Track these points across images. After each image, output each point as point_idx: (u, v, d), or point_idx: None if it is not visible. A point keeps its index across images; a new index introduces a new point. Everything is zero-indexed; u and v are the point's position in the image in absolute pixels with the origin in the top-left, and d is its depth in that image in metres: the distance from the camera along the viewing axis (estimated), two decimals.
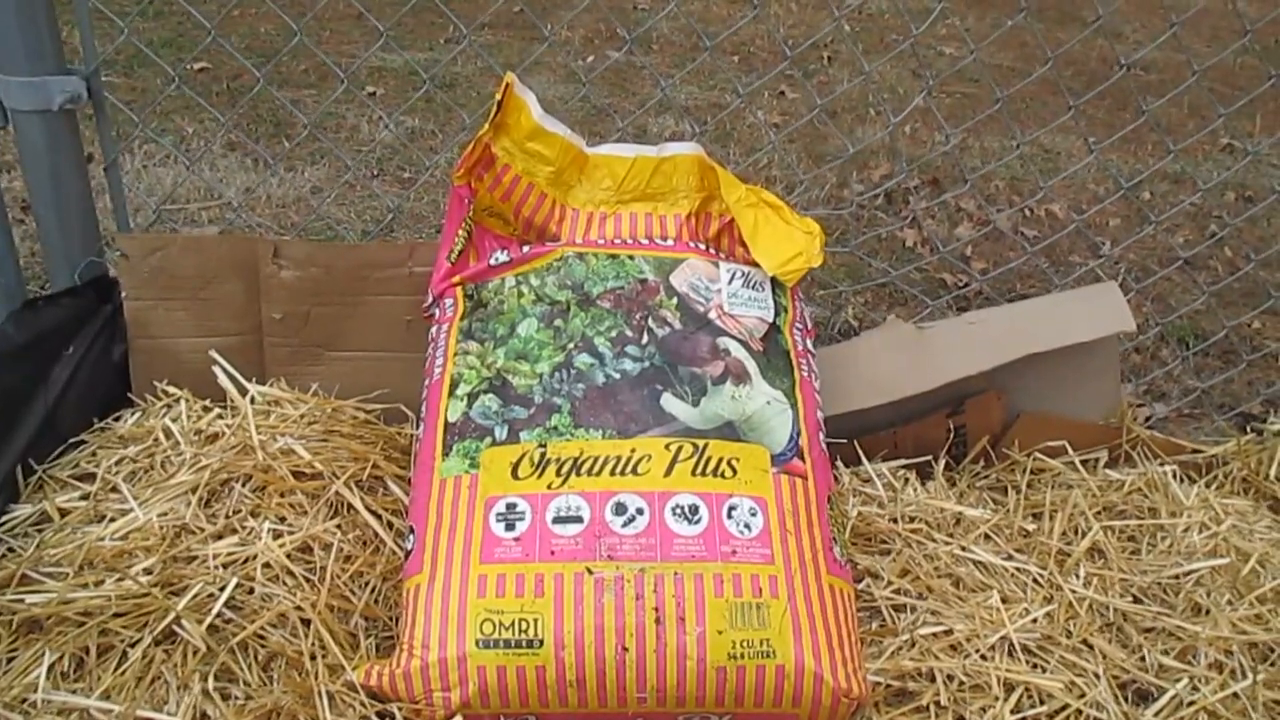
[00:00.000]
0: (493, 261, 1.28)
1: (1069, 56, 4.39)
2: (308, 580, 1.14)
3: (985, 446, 1.47)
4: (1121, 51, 4.66)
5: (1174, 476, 1.45)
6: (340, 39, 3.88)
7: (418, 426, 1.23)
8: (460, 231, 1.29)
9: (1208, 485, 1.48)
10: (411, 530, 1.12)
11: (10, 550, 1.13)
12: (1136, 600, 1.26)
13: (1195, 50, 2.87)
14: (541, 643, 1.00)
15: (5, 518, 1.17)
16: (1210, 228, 2.97)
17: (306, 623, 1.10)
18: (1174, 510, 1.39)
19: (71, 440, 1.26)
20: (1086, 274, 2.52)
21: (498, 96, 1.24)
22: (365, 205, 2.74)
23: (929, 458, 1.45)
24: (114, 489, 1.20)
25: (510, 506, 1.08)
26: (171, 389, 1.33)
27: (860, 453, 1.40)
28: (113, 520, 1.15)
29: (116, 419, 1.31)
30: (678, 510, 1.08)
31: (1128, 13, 5.06)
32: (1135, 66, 4.34)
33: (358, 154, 3.09)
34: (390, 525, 1.24)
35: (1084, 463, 1.47)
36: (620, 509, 1.07)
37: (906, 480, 1.39)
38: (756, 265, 1.28)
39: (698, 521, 1.07)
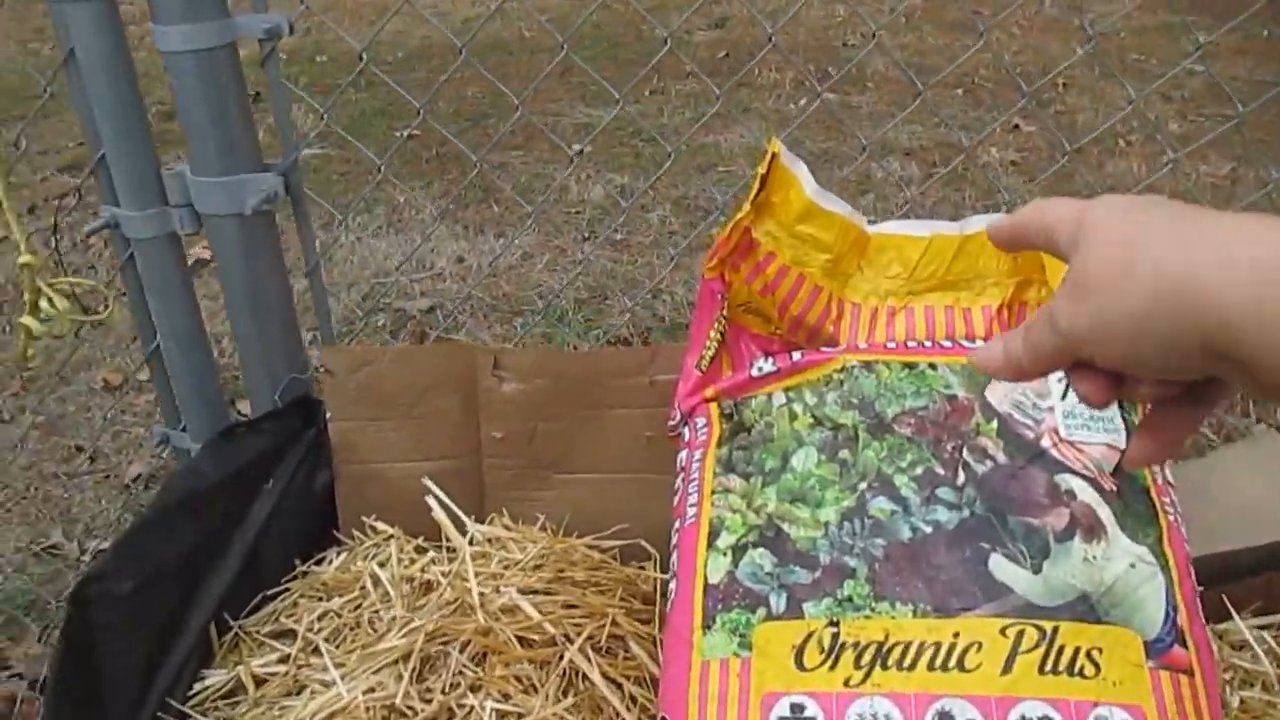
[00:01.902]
0: (755, 372, 1.04)
1: None
2: None
3: None
4: None
5: None
6: (545, 98, 3.79)
7: (670, 579, 1.00)
8: (712, 333, 1.06)
9: None
10: None
11: None
12: None
13: None
14: None
15: (198, 686, 1.01)
16: None
17: None
18: None
19: (272, 590, 1.10)
20: None
21: (760, 170, 1.01)
22: (578, 271, 2.58)
23: None
24: (315, 650, 1.03)
25: (797, 708, 0.83)
26: (381, 526, 1.16)
27: (1230, 609, 1.07)
28: (314, 695, 0.97)
29: (319, 561, 1.14)
30: None
31: None
32: None
33: (568, 216, 2.95)
34: (634, 700, 1.01)
35: None
36: None
37: None
38: None
39: None
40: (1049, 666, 0.82)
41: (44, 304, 1.09)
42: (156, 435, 1.22)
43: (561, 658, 1.00)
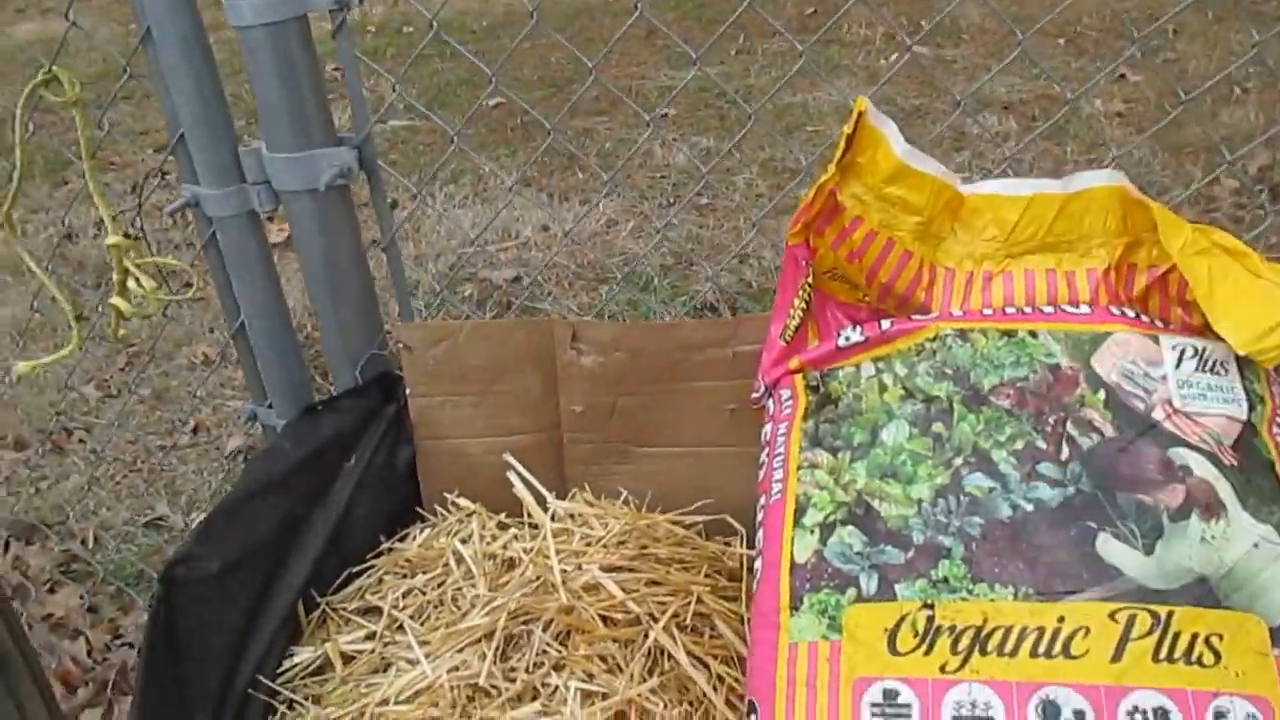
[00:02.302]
0: (842, 342, 1.00)
1: None
2: None
3: None
4: None
5: None
6: (630, 60, 3.74)
7: (754, 552, 0.97)
8: (797, 301, 1.02)
9: None
10: (753, 711, 0.85)
11: (291, 707, 0.98)
12: None
13: None
14: None
15: (288, 663, 1.01)
16: None
17: None
18: None
19: (356, 567, 1.10)
20: None
21: (846, 130, 0.96)
22: (663, 236, 2.55)
23: None
24: (400, 628, 1.02)
25: (890, 695, 0.79)
26: (463, 502, 1.15)
27: None
28: (399, 673, 0.97)
29: (403, 538, 1.14)
30: (1137, 716, 0.74)
31: None
32: None
33: (652, 181, 2.91)
34: (721, 680, 0.98)
35: None
36: (1050, 710, 0.76)
37: None
38: (1211, 337, 0.92)
39: None
40: (1164, 654, 0.77)
41: (132, 284, 1.10)
42: (246, 412, 1.24)
43: (646, 637, 0.98)
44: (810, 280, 1.02)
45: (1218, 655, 0.76)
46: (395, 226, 1.10)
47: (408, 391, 1.14)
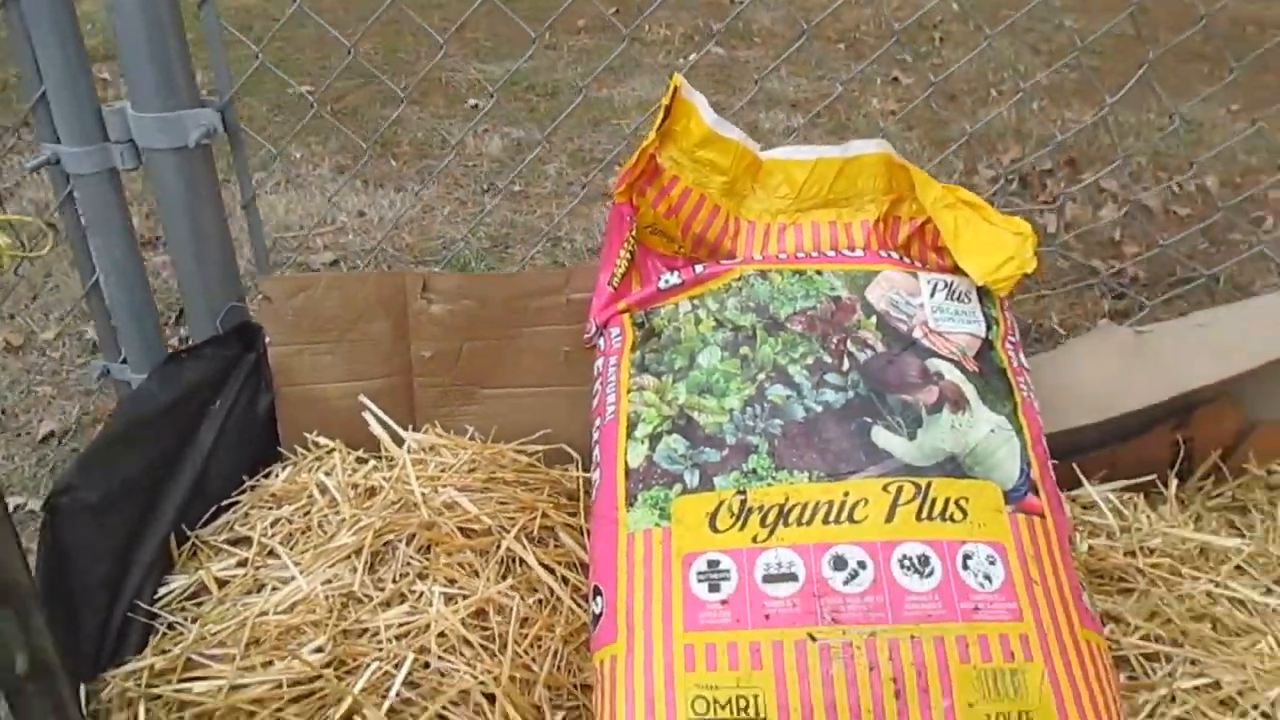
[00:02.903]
0: (662, 285, 1.16)
1: (1193, 18, 4.14)
2: (485, 649, 1.03)
3: (1216, 462, 1.29)
4: (1256, 10, 4.34)
5: None
6: (437, 52, 3.82)
7: (592, 471, 1.11)
8: (623, 252, 1.17)
9: None
10: (599, 592, 1.00)
11: (171, 628, 1.05)
12: None
13: None
14: None
15: (162, 591, 1.08)
16: None
17: (490, 698, 0.99)
18: None
19: (222, 502, 1.17)
20: (1253, 253, 2.31)
21: (664, 101, 1.12)
22: (479, 222, 2.66)
23: (1152, 476, 1.28)
24: (271, 553, 1.11)
25: (712, 564, 0.96)
26: (323, 440, 1.24)
27: (1081, 476, 1.24)
28: (275, 590, 1.06)
29: (266, 475, 1.22)
30: (905, 562, 0.94)
31: None
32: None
33: (466, 170, 3.01)
34: (566, 581, 1.12)
35: None
36: (839, 563, 0.94)
37: (1135, 505, 1.23)
38: (957, 273, 1.13)
39: (930, 574, 0.93)
40: (924, 514, 0.96)
41: None
42: (97, 369, 1.28)
43: (499, 546, 1.11)
44: (634, 234, 1.18)
45: (965, 513, 0.97)
46: (254, 189, 1.18)
47: (267, 340, 1.22)
